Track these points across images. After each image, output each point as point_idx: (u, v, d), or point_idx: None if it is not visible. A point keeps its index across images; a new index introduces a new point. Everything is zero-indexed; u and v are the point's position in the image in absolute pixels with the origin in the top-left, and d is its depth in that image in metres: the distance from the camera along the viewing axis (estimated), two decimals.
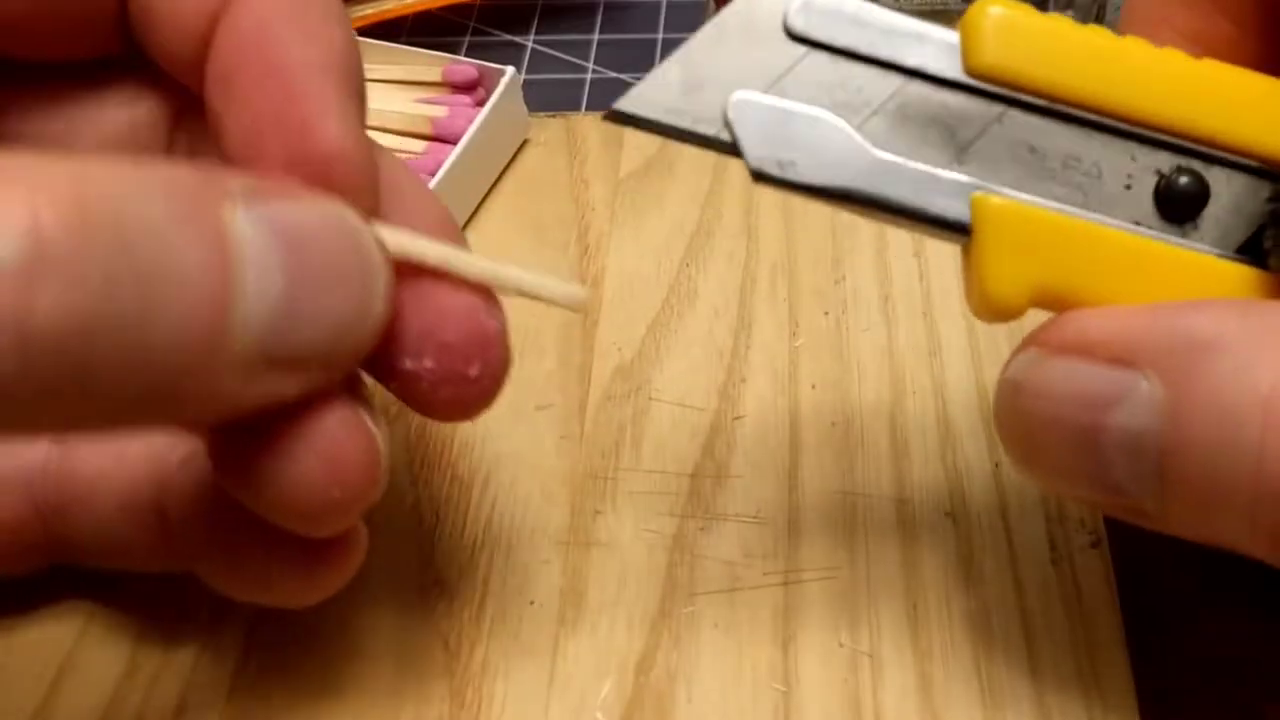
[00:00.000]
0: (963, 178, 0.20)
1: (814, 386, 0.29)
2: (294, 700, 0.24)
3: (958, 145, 0.21)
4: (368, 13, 0.41)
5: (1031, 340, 0.20)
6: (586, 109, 0.40)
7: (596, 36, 0.43)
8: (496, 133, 0.35)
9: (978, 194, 0.20)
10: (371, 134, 0.36)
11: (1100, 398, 0.18)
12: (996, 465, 0.27)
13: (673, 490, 0.28)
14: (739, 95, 0.20)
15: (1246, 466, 0.17)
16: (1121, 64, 0.20)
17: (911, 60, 0.20)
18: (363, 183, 0.20)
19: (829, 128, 0.20)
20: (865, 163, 0.20)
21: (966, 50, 0.20)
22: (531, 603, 0.26)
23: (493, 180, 0.36)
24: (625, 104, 0.21)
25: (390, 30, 0.42)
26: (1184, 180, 0.20)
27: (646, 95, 0.21)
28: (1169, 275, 0.20)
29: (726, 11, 0.21)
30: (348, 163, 0.20)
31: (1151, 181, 0.21)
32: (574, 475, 0.28)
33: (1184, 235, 0.21)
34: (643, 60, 0.42)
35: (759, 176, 0.21)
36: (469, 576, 0.26)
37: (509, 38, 0.43)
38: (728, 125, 0.21)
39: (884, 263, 0.32)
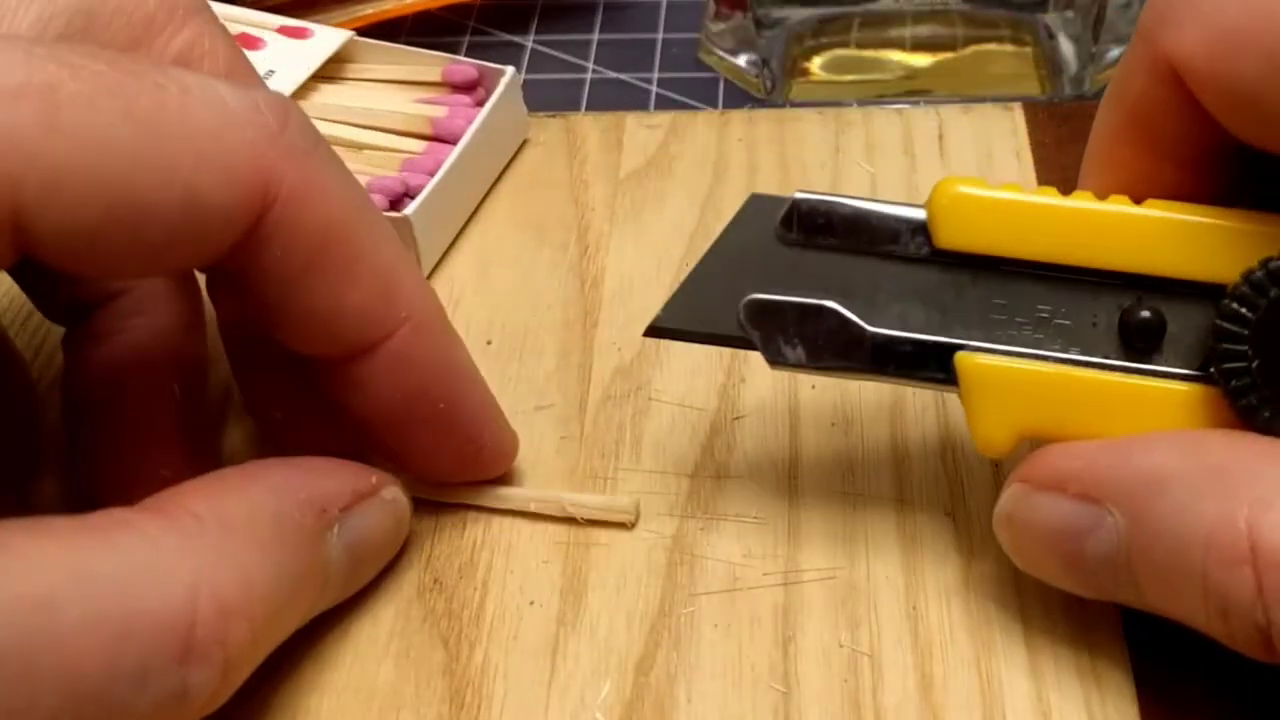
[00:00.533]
0: (945, 339, 0.23)
1: (814, 386, 0.29)
2: (294, 701, 0.24)
3: (938, 310, 0.23)
4: (368, 12, 0.41)
5: (1016, 476, 0.23)
6: (586, 109, 0.40)
7: (596, 36, 0.43)
8: (496, 133, 0.35)
9: (960, 354, 0.23)
10: (371, 134, 0.37)
11: (1076, 529, 0.22)
12: (996, 465, 0.27)
13: (673, 490, 0.28)
14: (748, 298, 0.24)
15: (1194, 584, 0.20)
16: (1071, 221, 0.23)
17: (888, 245, 0.23)
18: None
19: (828, 314, 0.24)
20: (863, 341, 0.23)
21: (934, 231, 0.23)
22: (531, 603, 0.26)
23: (492, 180, 0.36)
24: (660, 320, 0.24)
25: (390, 30, 0.42)
26: (1142, 314, 0.23)
27: (675, 310, 0.24)
28: (1134, 406, 0.23)
29: (726, 230, 0.24)
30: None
31: (1115, 317, 0.23)
32: (574, 475, 0.28)
33: (1150, 362, 0.23)
34: (642, 60, 0.42)
35: (774, 363, 0.24)
36: (469, 577, 0.26)
37: (508, 38, 0.43)
38: (742, 326, 0.24)
39: None
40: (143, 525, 0.21)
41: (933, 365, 0.23)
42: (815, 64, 0.40)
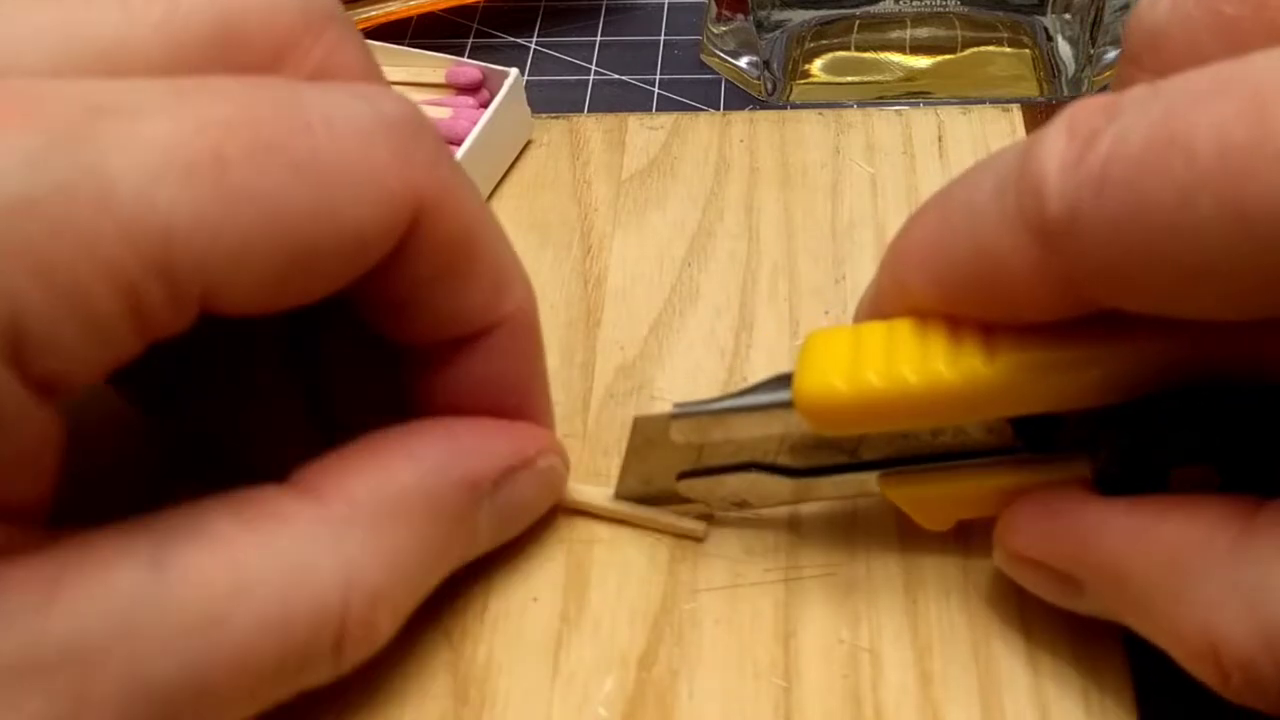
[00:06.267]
0: (865, 473, 0.25)
1: None
2: (296, 696, 0.25)
3: (848, 451, 0.25)
4: (373, 14, 0.42)
5: (997, 540, 0.24)
6: (589, 110, 0.40)
7: (599, 39, 0.43)
8: (500, 134, 0.36)
9: (882, 478, 0.25)
10: None
11: (1062, 595, 0.23)
12: None
13: None
14: (681, 478, 0.26)
15: (1176, 655, 0.21)
16: (936, 396, 0.22)
17: (775, 431, 0.24)
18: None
19: (753, 476, 0.26)
20: (791, 486, 0.26)
21: (810, 425, 0.23)
22: (535, 599, 0.26)
23: (496, 181, 0.36)
24: (619, 495, 0.27)
25: (394, 32, 0.42)
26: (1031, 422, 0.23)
27: (624, 492, 0.27)
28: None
29: (632, 438, 0.26)
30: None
31: (1006, 423, 0.24)
32: (577, 472, 0.28)
33: (1053, 449, 0.24)
34: (645, 62, 0.42)
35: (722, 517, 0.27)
36: (472, 573, 0.27)
37: (512, 40, 0.44)
38: (686, 498, 0.26)
39: None
40: (295, 517, 0.21)
41: (866, 489, 0.25)
42: (816, 66, 0.40)
